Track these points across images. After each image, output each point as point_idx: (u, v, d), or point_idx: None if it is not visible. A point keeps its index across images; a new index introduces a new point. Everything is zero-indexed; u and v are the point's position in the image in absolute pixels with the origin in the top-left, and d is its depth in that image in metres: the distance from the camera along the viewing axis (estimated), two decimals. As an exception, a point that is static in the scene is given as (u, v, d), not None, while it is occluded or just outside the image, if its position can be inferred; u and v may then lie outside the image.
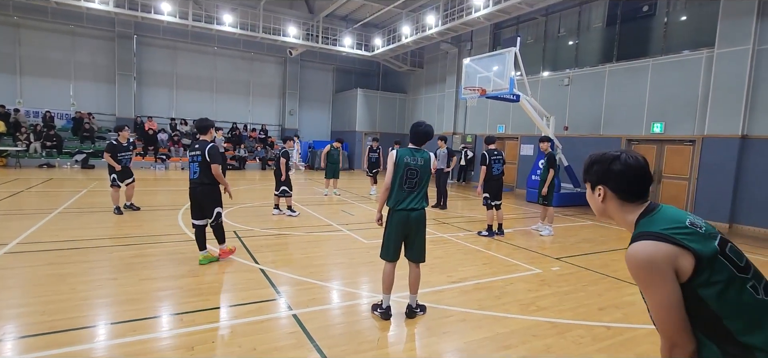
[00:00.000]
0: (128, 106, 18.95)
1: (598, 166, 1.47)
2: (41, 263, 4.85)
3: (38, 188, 10.71)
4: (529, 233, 7.90)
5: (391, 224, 3.74)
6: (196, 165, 4.89)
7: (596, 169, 1.47)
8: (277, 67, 22.55)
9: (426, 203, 3.81)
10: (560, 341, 3.51)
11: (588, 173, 1.52)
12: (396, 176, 3.68)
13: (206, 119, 5.06)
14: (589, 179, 1.52)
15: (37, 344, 3.03)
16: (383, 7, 17.72)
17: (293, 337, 3.36)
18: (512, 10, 13.28)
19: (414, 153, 3.72)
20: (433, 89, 20.28)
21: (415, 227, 3.74)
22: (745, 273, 1.25)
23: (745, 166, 9.39)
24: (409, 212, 3.69)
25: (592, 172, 1.49)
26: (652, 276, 1.25)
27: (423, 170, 3.72)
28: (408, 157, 3.69)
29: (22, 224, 6.56)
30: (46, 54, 17.73)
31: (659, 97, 11.07)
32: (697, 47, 10.46)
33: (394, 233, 3.73)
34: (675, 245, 1.24)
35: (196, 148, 4.90)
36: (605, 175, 1.45)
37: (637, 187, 1.41)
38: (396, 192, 3.69)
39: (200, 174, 4.86)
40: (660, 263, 1.24)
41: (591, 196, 1.53)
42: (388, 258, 3.78)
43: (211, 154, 4.82)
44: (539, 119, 11.87)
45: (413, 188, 3.70)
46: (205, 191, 4.91)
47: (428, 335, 3.53)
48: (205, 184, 4.88)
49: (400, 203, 3.69)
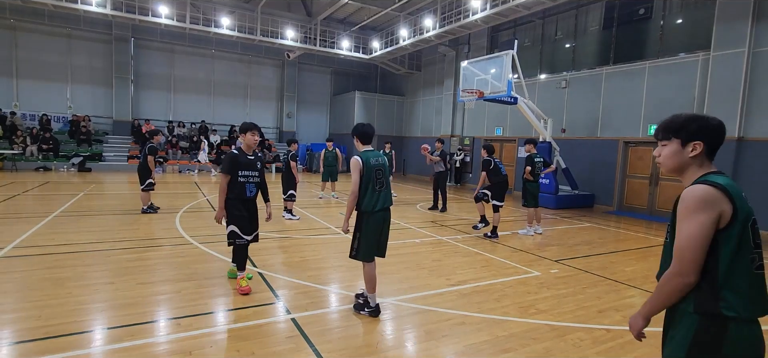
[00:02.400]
0: (125, 109, 18.90)
1: (697, 124, 1.61)
2: (37, 267, 4.81)
3: (34, 192, 10.64)
4: (530, 236, 7.89)
5: (369, 226, 3.77)
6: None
7: (696, 126, 1.60)
8: (275, 70, 22.54)
9: (391, 202, 3.95)
10: (560, 343, 3.51)
11: (682, 130, 1.62)
12: (368, 180, 3.73)
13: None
14: (681, 135, 1.63)
15: (33, 350, 3.00)
16: (381, 10, 17.76)
17: (292, 341, 3.34)
18: (509, 13, 13.34)
19: (377, 154, 3.86)
20: (430, 92, 20.31)
21: (388, 225, 3.93)
22: (755, 248, 1.53)
23: (742, 168, 9.43)
24: (384, 212, 3.84)
25: (690, 128, 1.61)
26: (698, 207, 1.49)
27: (386, 169, 3.89)
28: (373, 160, 3.78)
29: (18, 228, 6.52)
30: (42, 57, 17.66)
31: (656, 100, 11.13)
32: (693, 50, 10.53)
33: (374, 234, 3.80)
34: (727, 196, 1.49)
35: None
36: (704, 131, 1.60)
37: (720, 145, 1.64)
38: (369, 195, 3.73)
39: (256, 191, 4.44)
40: (711, 201, 1.49)
41: (678, 151, 1.64)
42: (369, 259, 3.83)
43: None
44: (537, 122, 11.90)
45: (383, 188, 3.84)
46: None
47: (427, 338, 3.51)
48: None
49: (376, 204, 3.76)
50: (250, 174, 4.32)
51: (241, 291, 4.17)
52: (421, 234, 7.58)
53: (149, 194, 8.44)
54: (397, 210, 10.33)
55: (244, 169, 4.27)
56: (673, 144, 1.66)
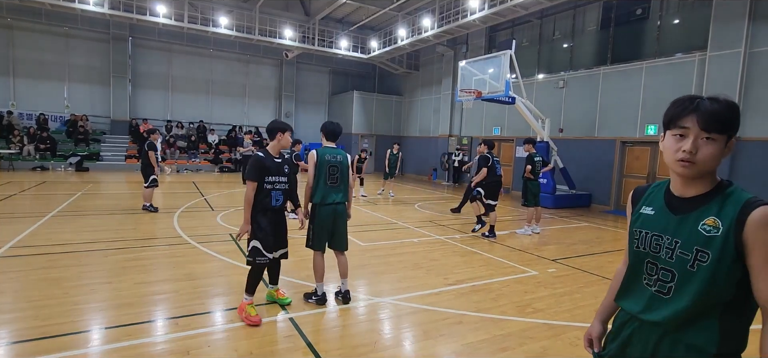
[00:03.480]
0: (123, 108, 18.85)
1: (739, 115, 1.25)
2: (34, 267, 4.80)
3: (31, 191, 10.61)
4: (528, 236, 7.91)
5: (319, 218, 3.98)
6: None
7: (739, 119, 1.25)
8: (273, 70, 22.52)
9: (347, 197, 4.12)
10: (556, 342, 3.52)
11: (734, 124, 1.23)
12: (320, 174, 3.94)
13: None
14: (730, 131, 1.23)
15: (30, 350, 3.00)
16: (379, 10, 17.76)
17: (290, 340, 3.34)
18: (507, 14, 13.37)
19: (333, 151, 4.02)
20: (428, 92, 20.33)
21: (339, 220, 4.07)
22: None
23: (738, 168, 9.48)
24: (335, 206, 4.00)
25: (737, 121, 1.24)
26: None
27: (343, 166, 4.04)
28: (328, 156, 3.97)
29: (15, 228, 6.50)
30: (40, 56, 17.60)
31: (653, 100, 11.16)
32: (690, 50, 10.57)
33: (324, 226, 4.00)
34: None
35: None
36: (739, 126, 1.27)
37: None
38: (321, 189, 3.95)
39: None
40: None
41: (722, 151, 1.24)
42: (320, 249, 4.04)
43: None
44: (535, 121, 11.93)
45: (336, 183, 4.00)
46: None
47: (425, 337, 3.53)
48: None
49: (327, 198, 3.96)
50: (277, 180, 3.72)
51: (250, 322, 3.54)
52: (418, 234, 7.59)
53: (152, 192, 8.54)
54: (396, 210, 10.34)
55: (272, 175, 3.69)
56: (721, 141, 1.22)
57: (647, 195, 1.44)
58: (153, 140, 8.61)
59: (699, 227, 1.24)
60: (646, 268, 1.35)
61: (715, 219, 1.22)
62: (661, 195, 1.39)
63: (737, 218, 1.18)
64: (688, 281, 1.23)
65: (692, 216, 1.26)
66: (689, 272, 1.23)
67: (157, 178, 8.55)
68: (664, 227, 1.32)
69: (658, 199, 1.39)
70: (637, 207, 1.44)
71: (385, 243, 6.78)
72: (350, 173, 4.18)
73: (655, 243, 1.33)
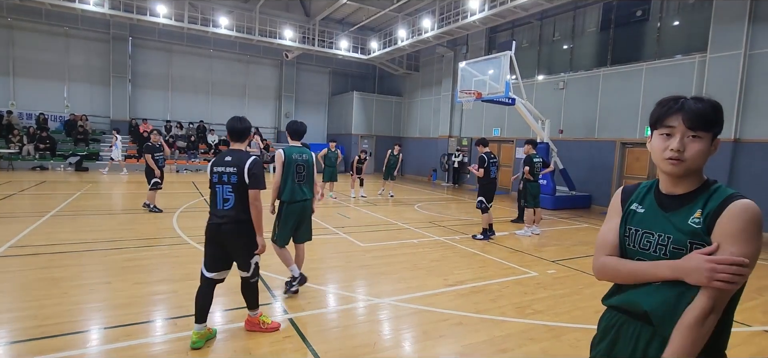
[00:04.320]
0: (123, 108, 18.84)
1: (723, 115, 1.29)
2: (33, 267, 4.79)
3: (31, 191, 10.59)
4: (527, 237, 7.91)
5: (287, 215, 4.18)
6: (229, 188, 3.16)
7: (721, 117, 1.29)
8: (273, 70, 22.52)
9: (312, 194, 4.30)
10: (556, 344, 3.52)
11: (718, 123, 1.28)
12: (288, 173, 4.13)
13: (242, 119, 3.33)
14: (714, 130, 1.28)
15: (29, 350, 2.99)
16: (379, 11, 17.77)
17: (289, 341, 3.34)
18: (507, 15, 13.38)
19: (300, 150, 4.22)
20: (428, 92, 20.33)
21: (306, 215, 4.27)
22: None
23: (738, 169, 9.48)
24: (303, 203, 4.22)
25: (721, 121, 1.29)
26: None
27: (309, 165, 4.25)
28: (295, 155, 4.16)
29: (14, 228, 6.49)
30: (39, 56, 17.59)
31: (653, 101, 10.80)
32: (690, 52, 10.57)
33: (290, 221, 4.20)
34: None
35: (227, 161, 3.18)
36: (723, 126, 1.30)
37: None
38: (289, 186, 4.15)
39: (236, 203, 3.16)
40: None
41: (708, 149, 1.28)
42: (284, 244, 4.24)
43: (253, 174, 3.15)
44: (534, 123, 11.93)
45: (303, 181, 4.20)
46: (242, 231, 3.19)
47: (425, 338, 3.52)
48: (242, 221, 3.17)
49: (295, 195, 4.17)
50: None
51: (271, 328, 3.45)
52: (418, 234, 7.59)
53: (155, 193, 8.55)
54: (395, 210, 10.34)
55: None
56: (707, 139, 1.27)
57: (636, 193, 1.46)
58: (153, 141, 8.56)
59: (689, 221, 1.27)
60: None
61: (700, 211, 1.26)
62: (651, 194, 1.41)
63: (716, 209, 1.23)
64: None
65: (682, 212, 1.29)
66: None
67: (159, 180, 8.52)
68: (653, 225, 1.34)
69: (648, 197, 1.41)
70: (627, 205, 1.45)
71: (385, 244, 6.77)
72: (315, 171, 4.37)
73: (645, 240, 1.34)
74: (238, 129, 3.30)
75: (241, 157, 3.18)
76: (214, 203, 3.22)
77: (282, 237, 4.22)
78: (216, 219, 3.17)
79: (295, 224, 4.23)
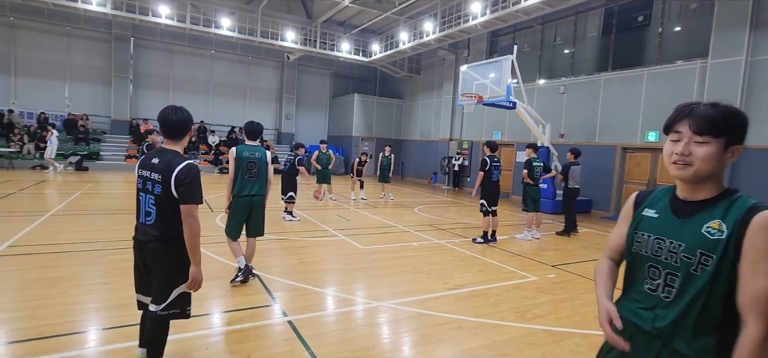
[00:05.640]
0: (124, 108, 18.86)
1: (741, 121, 1.26)
2: (32, 267, 4.78)
3: (31, 190, 10.59)
4: (527, 241, 7.89)
5: (235, 208, 4.43)
6: (152, 200, 2.44)
7: (740, 123, 1.26)
8: (275, 72, 22.55)
9: (265, 190, 4.50)
10: (556, 349, 3.50)
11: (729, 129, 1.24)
12: (238, 169, 4.37)
13: (179, 109, 2.52)
14: (727, 135, 1.24)
15: (26, 350, 2.98)
16: (381, 14, 17.80)
17: (288, 344, 3.32)
18: (509, 19, 13.39)
19: (251, 149, 4.44)
20: (430, 95, 20.35)
21: (255, 210, 4.46)
22: None
23: (738, 175, 9.47)
24: (251, 198, 4.42)
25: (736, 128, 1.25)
26: None
27: (260, 162, 4.44)
28: (247, 153, 4.40)
29: (13, 227, 6.48)
30: (41, 55, 17.63)
31: (654, 106, 11.17)
32: (691, 57, 10.58)
33: (240, 216, 4.44)
34: None
35: (154, 165, 2.43)
36: (743, 134, 1.26)
37: None
38: (239, 182, 4.40)
39: (159, 218, 2.44)
40: None
41: (719, 155, 1.24)
42: (233, 237, 4.47)
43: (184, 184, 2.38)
44: (535, 126, 11.93)
45: (253, 177, 4.41)
46: (167, 251, 2.47)
47: (424, 342, 3.50)
48: (169, 240, 2.45)
49: (243, 190, 4.38)
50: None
51: None
52: (418, 237, 7.57)
53: None
54: (395, 213, 10.32)
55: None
56: (715, 144, 1.23)
57: (651, 198, 1.44)
58: (151, 141, 8.53)
59: (702, 229, 1.24)
60: (648, 272, 1.35)
61: (720, 222, 1.23)
62: (666, 199, 1.39)
63: (741, 220, 1.19)
64: (691, 284, 1.23)
65: (696, 219, 1.27)
66: (693, 275, 1.23)
67: None
68: (665, 230, 1.32)
69: (662, 202, 1.39)
70: (639, 210, 1.44)
71: (385, 246, 6.76)
72: (269, 169, 4.53)
73: (656, 246, 1.33)
74: (172, 122, 2.49)
75: (171, 161, 2.39)
76: (137, 214, 2.54)
77: (231, 230, 4.46)
78: (139, 235, 2.50)
79: (244, 217, 4.45)
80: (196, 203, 2.44)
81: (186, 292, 2.60)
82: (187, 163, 2.42)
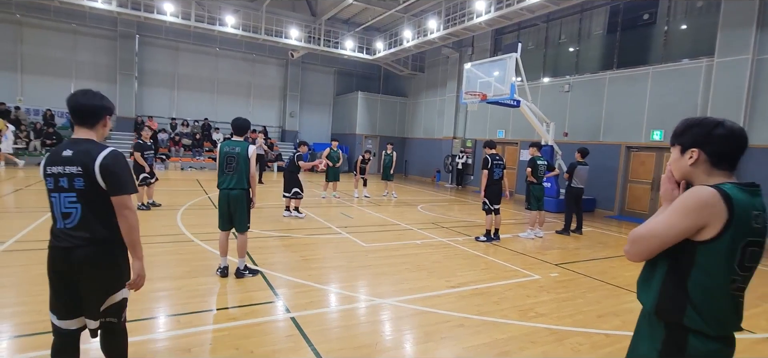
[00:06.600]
0: (129, 105, 18.96)
1: (698, 130, 1.48)
2: (38, 262, 4.81)
3: (37, 186, 10.69)
4: (531, 240, 7.88)
5: (219, 201, 4.61)
6: (72, 198, 2.13)
7: (695, 131, 1.48)
8: (279, 69, 22.59)
9: (246, 185, 4.56)
10: (558, 348, 3.50)
11: (682, 136, 1.52)
12: (220, 164, 4.55)
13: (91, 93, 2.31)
14: (681, 142, 1.52)
15: (32, 344, 3.02)
16: (385, 11, 17.78)
17: (291, 340, 3.34)
18: (513, 17, 13.33)
19: (232, 144, 4.56)
20: (433, 93, 20.31)
21: (232, 203, 4.53)
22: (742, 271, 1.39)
23: (745, 175, 9.35)
24: (229, 191, 4.52)
25: (688, 134, 1.50)
26: (688, 211, 1.37)
27: (240, 157, 4.50)
28: (227, 148, 4.55)
29: (20, 223, 6.55)
30: (47, 52, 17.75)
31: (659, 105, 11.09)
32: (697, 56, 10.49)
33: (220, 207, 4.59)
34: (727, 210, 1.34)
35: (67, 158, 2.12)
36: (704, 139, 1.46)
37: (733, 155, 1.45)
38: (219, 175, 4.58)
39: (84, 217, 2.14)
40: (702, 212, 1.35)
41: (678, 159, 1.53)
42: (220, 228, 4.62)
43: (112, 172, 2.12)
44: (539, 125, 11.88)
45: (232, 171, 4.50)
46: (99, 257, 2.20)
47: (426, 339, 3.51)
48: (100, 241, 2.18)
49: (222, 184, 4.56)
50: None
51: None
52: (421, 235, 7.58)
53: (145, 190, 8.41)
54: (398, 211, 10.33)
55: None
56: (674, 151, 1.55)
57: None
58: (144, 139, 8.44)
59: None
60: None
61: None
62: None
63: None
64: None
65: None
66: None
67: (148, 176, 8.35)
68: None
69: None
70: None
71: (388, 244, 6.77)
72: (251, 164, 4.56)
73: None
74: (82, 106, 2.21)
75: (89, 150, 2.11)
76: (53, 219, 2.18)
77: (219, 222, 4.64)
78: (59, 242, 2.15)
79: (226, 210, 4.55)
80: (129, 192, 2.18)
81: (125, 297, 2.34)
82: (111, 150, 2.16)
